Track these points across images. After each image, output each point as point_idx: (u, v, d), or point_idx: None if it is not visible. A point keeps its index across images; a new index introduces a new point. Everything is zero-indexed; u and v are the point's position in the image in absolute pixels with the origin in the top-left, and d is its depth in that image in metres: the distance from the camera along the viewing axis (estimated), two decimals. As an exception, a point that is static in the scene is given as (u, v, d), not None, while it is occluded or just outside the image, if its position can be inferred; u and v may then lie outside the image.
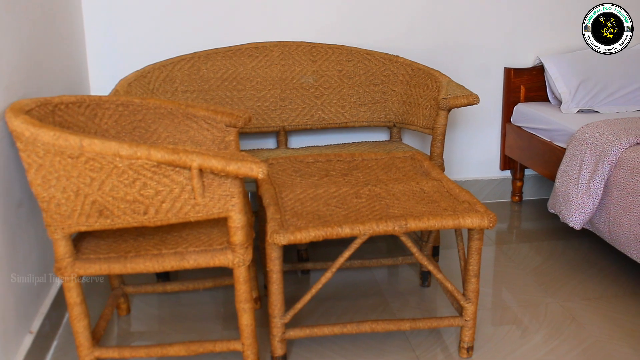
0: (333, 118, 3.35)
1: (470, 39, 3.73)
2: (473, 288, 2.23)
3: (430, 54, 3.63)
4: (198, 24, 3.36)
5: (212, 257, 2.00)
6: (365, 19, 3.55)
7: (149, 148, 1.77)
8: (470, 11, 3.69)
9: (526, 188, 4.05)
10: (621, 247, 2.75)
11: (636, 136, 2.80)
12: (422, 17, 3.63)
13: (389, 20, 3.58)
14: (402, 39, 3.61)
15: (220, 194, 1.90)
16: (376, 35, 3.57)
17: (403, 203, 2.19)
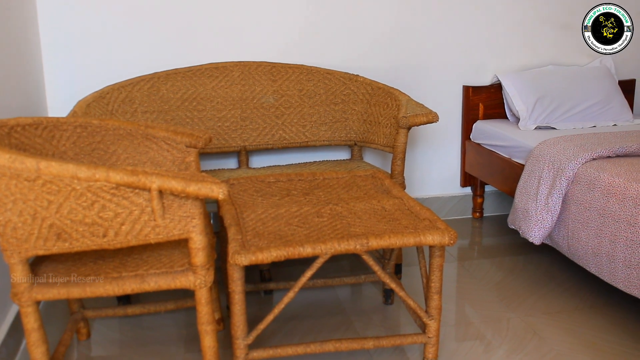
0: (294, 137, 3.36)
1: (429, 58, 3.77)
2: (435, 305, 2.24)
3: (390, 73, 3.67)
4: (158, 44, 3.35)
5: (173, 279, 1.97)
6: (325, 38, 3.57)
7: (107, 170, 1.75)
8: (429, 31, 3.74)
9: (487, 204, 4.09)
10: (580, 261, 2.79)
11: (592, 152, 2.85)
12: (382, 37, 3.66)
13: (350, 40, 3.61)
14: (363, 58, 3.64)
15: (180, 215, 1.89)
16: (336, 54, 3.59)
17: (364, 221, 2.19)
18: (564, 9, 3.95)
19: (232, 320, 2.14)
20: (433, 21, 3.73)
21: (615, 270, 2.55)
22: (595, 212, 2.66)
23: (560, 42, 3.99)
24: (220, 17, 3.40)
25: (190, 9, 3.36)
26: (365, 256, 2.08)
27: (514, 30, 3.89)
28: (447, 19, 3.76)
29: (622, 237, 2.50)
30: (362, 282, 2.94)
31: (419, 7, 3.69)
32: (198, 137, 2.45)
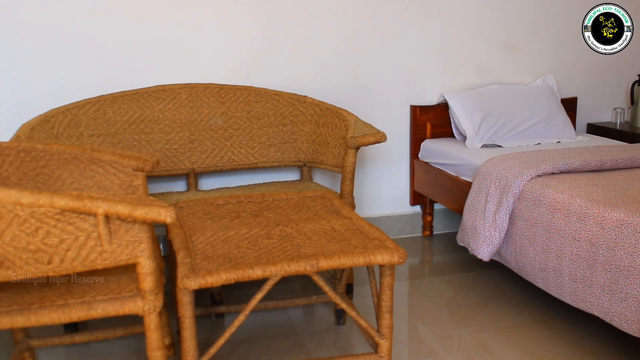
0: (243, 159, 3.35)
1: (376, 79, 3.81)
2: (387, 324, 2.24)
3: (339, 94, 3.69)
4: (104, 66, 3.31)
5: (121, 305, 1.94)
6: (273, 60, 3.58)
7: (51, 195, 1.72)
8: (376, 51, 3.78)
9: (436, 222, 4.13)
10: (528, 276, 2.83)
11: (537, 169, 2.91)
12: (330, 58, 3.69)
13: (297, 61, 3.63)
14: (311, 79, 3.66)
15: (128, 240, 1.86)
16: (285, 75, 3.60)
17: (314, 242, 2.19)
18: (507, 29, 4.04)
19: (183, 346, 2.11)
20: (380, 42, 3.78)
21: (562, 285, 2.59)
22: (541, 227, 2.71)
23: (504, 62, 4.08)
24: (167, 39, 3.39)
25: (137, 31, 3.34)
26: (316, 277, 2.08)
27: (459, 50, 3.96)
28: (393, 40, 3.80)
29: (567, 252, 2.55)
30: (313, 302, 2.93)
31: (366, 28, 3.73)
32: (145, 160, 2.42)
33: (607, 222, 2.41)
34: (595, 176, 2.91)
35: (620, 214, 2.39)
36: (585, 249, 2.47)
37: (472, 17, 3.95)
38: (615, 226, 2.37)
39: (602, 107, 4.44)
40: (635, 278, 2.25)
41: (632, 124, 4.25)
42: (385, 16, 3.76)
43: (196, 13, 3.42)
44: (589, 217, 2.49)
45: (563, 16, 4.16)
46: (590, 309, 2.46)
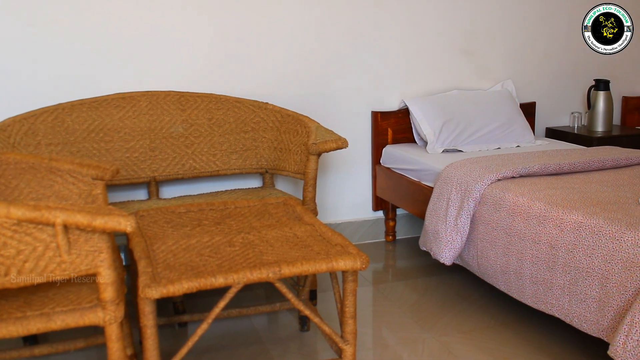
0: (204, 167, 3.33)
1: (338, 85, 3.82)
2: (350, 330, 2.24)
3: (300, 100, 3.69)
4: (61, 74, 3.27)
5: (81, 316, 1.91)
6: (234, 66, 3.57)
7: (8, 205, 1.69)
8: (337, 58, 3.79)
9: (399, 227, 4.15)
10: (490, 280, 2.86)
11: (497, 173, 2.94)
12: (291, 64, 3.69)
13: (258, 68, 3.62)
14: (272, 85, 3.65)
15: (87, 250, 1.83)
16: (246, 82, 3.59)
17: (277, 249, 2.19)
18: (466, 36, 4.08)
19: (145, 356, 2.08)
20: (340, 48, 3.79)
21: (523, 287, 2.62)
22: (502, 231, 2.73)
23: (463, 67, 4.12)
24: (127, 47, 3.36)
25: (96, 39, 3.30)
26: (278, 284, 2.07)
27: (420, 56, 3.99)
28: (354, 47, 3.82)
29: (528, 255, 2.58)
30: (277, 309, 2.92)
31: (326, 34, 3.74)
32: (105, 169, 2.40)
33: (566, 225, 2.45)
34: (554, 180, 2.95)
35: (578, 217, 2.43)
36: (545, 252, 2.50)
37: (432, 23, 3.99)
38: (573, 228, 2.41)
39: (560, 111, 4.51)
40: (594, 279, 2.28)
41: (589, 128, 4.33)
42: (346, 23, 3.78)
43: (156, 20, 3.40)
44: (549, 220, 2.52)
45: (521, 22, 4.22)
46: (551, 311, 2.49)
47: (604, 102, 4.27)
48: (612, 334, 2.20)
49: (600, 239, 2.30)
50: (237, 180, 3.64)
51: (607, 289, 2.23)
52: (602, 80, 4.30)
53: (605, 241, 2.28)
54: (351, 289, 2.19)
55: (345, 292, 2.20)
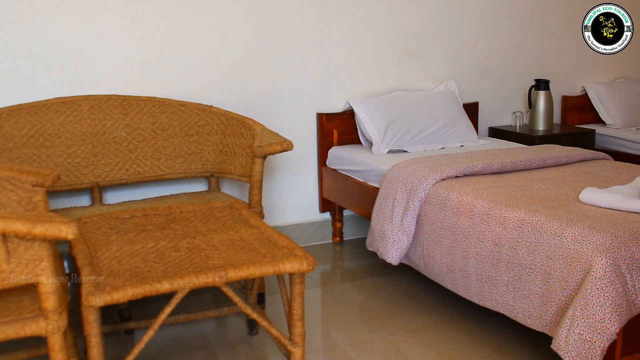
0: (149, 171, 3.28)
1: (282, 87, 3.82)
2: (299, 332, 2.24)
3: (245, 103, 3.67)
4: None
5: (22, 327, 1.86)
6: (177, 69, 3.54)
7: (-58, 215, 1.64)
8: (282, 60, 3.79)
9: (346, 228, 4.16)
10: (436, 278, 2.89)
11: (441, 173, 2.97)
12: (234, 67, 3.67)
13: (202, 71, 3.60)
14: (216, 88, 3.63)
15: (27, 259, 1.79)
16: (189, 85, 3.56)
17: (223, 253, 2.17)
18: (409, 37, 4.12)
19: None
20: (285, 50, 3.79)
21: (469, 285, 2.65)
22: (447, 230, 2.77)
23: (407, 68, 4.16)
24: (67, 49, 3.30)
25: (35, 41, 3.23)
26: (225, 288, 2.06)
27: (364, 57, 4.02)
28: (299, 49, 3.82)
29: (473, 253, 2.61)
30: (225, 314, 2.90)
31: (269, 37, 3.73)
32: (45, 175, 2.35)
33: (509, 222, 2.49)
34: (497, 178, 3.00)
35: (521, 214, 2.47)
36: (489, 249, 2.54)
37: (376, 25, 4.02)
38: (516, 226, 2.45)
39: (502, 111, 4.59)
40: (537, 275, 2.32)
41: (531, 127, 4.41)
42: (290, 25, 3.78)
43: (97, 22, 3.34)
44: (492, 218, 2.56)
45: (463, 24, 4.28)
46: (496, 307, 2.53)
47: (544, 101, 4.36)
48: (555, 328, 2.24)
49: (542, 235, 2.34)
50: (182, 185, 3.60)
51: (549, 285, 2.28)
52: (542, 80, 4.39)
53: (547, 238, 2.32)
54: (298, 291, 2.18)
55: (292, 295, 2.20)
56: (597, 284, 2.10)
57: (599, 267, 2.11)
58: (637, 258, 2.17)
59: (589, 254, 2.16)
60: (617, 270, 2.12)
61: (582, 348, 2.09)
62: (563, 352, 2.14)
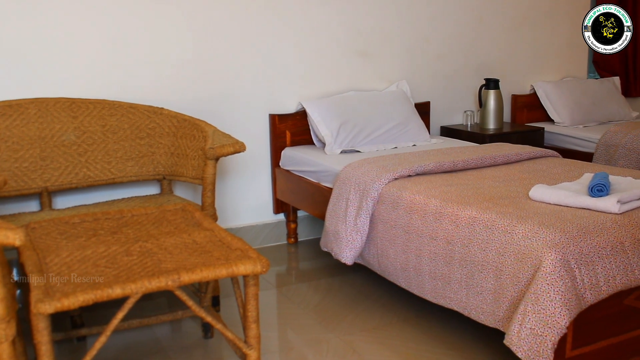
0: (99, 175, 3.24)
1: (235, 88, 3.80)
2: (254, 334, 2.23)
3: (197, 104, 3.65)
4: (-59, 84, 3.12)
5: (-31, 336, 1.82)
6: (127, 71, 3.49)
7: None
8: (233, 61, 3.77)
9: (300, 229, 4.16)
10: (390, 277, 2.90)
11: (394, 172, 2.99)
12: (185, 68, 3.64)
13: (152, 73, 3.56)
14: (167, 90, 3.60)
15: (-27, 267, 1.75)
16: (139, 87, 3.52)
17: (175, 256, 2.15)
18: (361, 37, 4.14)
19: (40, 374, 2.01)
20: (236, 51, 3.77)
21: (423, 283, 2.67)
22: (400, 229, 2.78)
23: (359, 69, 4.17)
24: (13, 51, 3.23)
25: (-23, 45, 3.16)
26: (179, 292, 2.04)
27: (315, 58, 4.02)
28: (250, 49, 3.81)
29: (426, 251, 2.63)
30: (180, 318, 2.87)
31: (221, 38, 3.71)
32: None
33: (461, 220, 2.51)
34: (449, 177, 3.03)
35: (472, 212, 2.50)
36: (442, 247, 2.56)
37: (327, 26, 4.02)
38: (468, 224, 2.48)
39: (454, 110, 4.64)
40: (489, 272, 2.35)
41: (482, 126, 4.47)
42: (241, 26, 3.76)
43: (44, 24, 3.28)
44: (444, 217, 2.59)
45: (414, 24, 4.32)
46: (450, 304, 2.55)
47: (494, 100, 4.42)
48: (507, 324, 2.27)
49: (493, 232, 2.37)
50: (134, 188, 3.56)
51: (501, 281, 2.31)
52: (492, 79, 4.45)
53: (498, 235, 2.35)
54: (253, 293, 2.17)
55: (247, 297, 2.19)
56: (547, 279, 2.13)
57: (549, 262, 2.15)
58: (586, 253, 2.21)
59: (539, 250, 2.20)
60: (566, 265, 2.16)
61: (534, 342, 2.13)
62: (515, 347, 2.17)
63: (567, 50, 5.09)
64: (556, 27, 4.99)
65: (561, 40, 5.04)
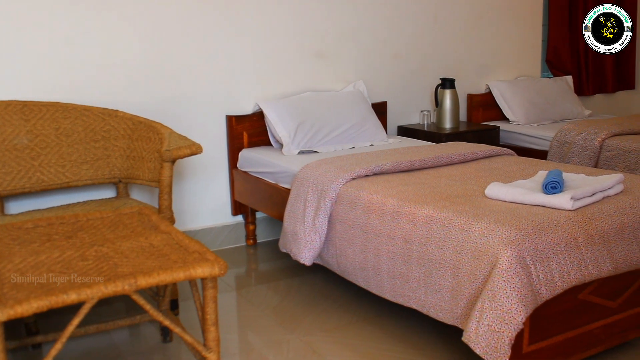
0: (53, 179, 3.18)
1: (191, 90, 3.77)
2: (213, 337, 2.21)
3: (152, 106, 3.61)
4: None
5: None
6: (80, 73, 3.45)
7: None
8: (189, 62, 3.74)
9: (259, 230, 4.14)
10: (349, 277, 2.91)
11: (351, 172, 3.00)
12: (141, 70, 3.61)
13: (107, 74, 3.52)
14: (122, 92, 3.56)
15: None
16: (93, 90, 3.48)
17: (132, 260, 2.12)
18: (317, 38, 4.15)
19: (-6, 382, 1.96)
20: (192, 52, 3.74)
21: (382, 282, 2.69)
22: (358, 229, 2.79)
23: (316, 69, 4.18)
24: (-40, 56, 3.17)
25: None
26: (135, 296, 2.01)
27: (272, 59, 4.01)
28: (206, 50, 3.79)
29: (384, 251, 2.65)
30: (138, 322, 2.85)
31: (176, 39, 3.69)
32: (-60, 186, 2.24)
33: (418, 219, 2.53)
34: (406, 176, 3.05)
35: (429, 211, 2.52)
36: (400, 246, 2.58)
37: (284, 26, 4.02)
38: (425, 222, 2.50)
39: (410, 110, 4.67)
40: (447, 270, 2.37)
41: (438, 125, 4.51)
42: (197, 27, 3.74)
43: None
44: (402, 216, 2.60)
45: (371, 24, 4.34)
46: (408, 303, 2.57)
47: (450, 99, 4.46)
48: (465, 321, 2.29)
49: (450, 231, 2.40)
50: (89, 192, 3.51)
51: (458, 279, 2.33)
52: (447, 79, 4.49)
53: (455, 233, 2.38)
54: (211, 295, 2.16)
55: (205, 300, 2.17)
56: (503, 276, 2.16)
57: (505, 259, 2.17)
58: (541, 249, 2.24)
59: (495, 248, 2.22)
60: (522, 262, 2.19)
61: (492, 339, 2.15)
62: (473, 344, 2.19)
63: (521, 49, 5.17)
64: (510, 27, 5.06)
65: (515, 40, 5.12)
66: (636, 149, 3.86)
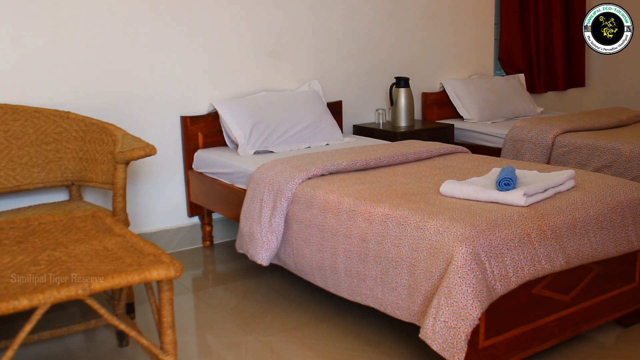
0: (3, 182, 3.12)
1: (145, 90, 3.74)
2: (169, 340, 2.19)
3: (105, 108, 3.56)
4: None
5: None
6: (30, 74, 3.39)
7: None
8: (142, 62, 3.71)
9: (216, 232, 4.12)
10: (307, 277, 2.91)
11: (307, 172, 3.00)
12: (93, 71, 3.56)
13: (58, 75, 3.46)
14: (74, 93, 3.50)
15: None
16: (44, 91, 3.42)
17: (86, 264, 2.09)
18: (271, 38, 4.14)
19: (-57, 392, 1.92)
20: (145, 53, 3.71)
21: (339, 281, 2.69)
22: (315, 228, 2.79)
23: (271, 69, 4.17)
24: None
25: None
26: (90, 300, 1.98)
27: (226, 59, 3.99)
28: (159, 50, 3.75)
29: (341, 249, 2.65)
30: (93, 327, 2.80)
31: (128, 39, 3.65)
32: None
33: (374, 218, 2.54)
34: (362, 175, 3.06)
35: (385, 209, 2.53)
36: (357, 245, 2.58)
37: (238, 26, 4.01)
38: (381, 221, 2.51)
39: (366, 109, 4.69)
40: (403, 268, 2.39)
41: (393, 124, 4.54)
42: (150, 27, 3.70)
43: (-62, 28, 3.15)
44: (358, 214, 2.61)
45: (326, 24, 4.35)
46: (366, 301, 2.58)
47: (405, 98, 4.49)
48: (422, 318, 2.31)
49: (406, 229, 2.41)
50: (41, 195, 3.44)
51: (415, 276, 2.34)
52: (402, 77, 4.52)
53: (410, 231, 2.39)
54: (167, 298, 2.14)
55: (161, 302, 2.15)
56: (458, 272, 2.18)
57: (460, 256, 2.19)
58: (495, 245, 2.27)
59: (450, 244, 2.24)
60: (476, 258, 2.21)
61: (448, 335, 2.17)
62: (430, 340, 2.21)
63: (474, 48, 5.23)
64: (463, 26, 5.12)
65: (468, 39, 5.18)
66: (587, 145, 3.94)
